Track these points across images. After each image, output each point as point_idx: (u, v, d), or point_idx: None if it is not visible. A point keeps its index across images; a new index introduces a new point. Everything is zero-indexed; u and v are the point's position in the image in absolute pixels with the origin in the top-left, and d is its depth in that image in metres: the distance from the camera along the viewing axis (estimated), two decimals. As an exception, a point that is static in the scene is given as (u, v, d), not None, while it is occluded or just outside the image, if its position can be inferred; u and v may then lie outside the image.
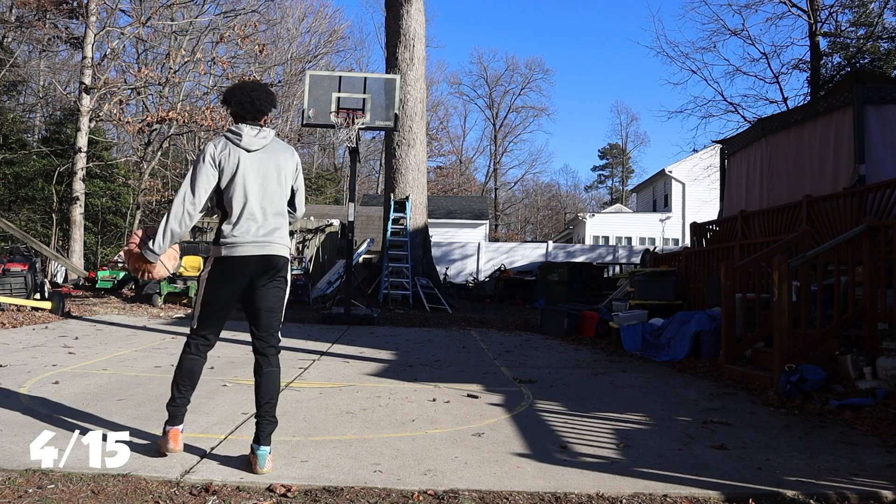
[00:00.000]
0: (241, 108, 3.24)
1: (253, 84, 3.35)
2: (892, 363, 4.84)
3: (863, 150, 8.06)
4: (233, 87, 3.35)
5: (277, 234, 3.20)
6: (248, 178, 3.15)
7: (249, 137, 3.18)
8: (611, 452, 3.46)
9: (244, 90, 3.28)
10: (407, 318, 11.28)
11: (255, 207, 3.15)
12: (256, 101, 3.25)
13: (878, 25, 18.97)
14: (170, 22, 23.78)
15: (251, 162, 3.18)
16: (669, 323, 7.60)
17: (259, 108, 3.26)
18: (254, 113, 3.26)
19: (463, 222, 30.10)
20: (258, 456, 2.99)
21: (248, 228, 3.12)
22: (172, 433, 3.13)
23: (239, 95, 3.25)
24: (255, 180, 3.17)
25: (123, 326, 8.85)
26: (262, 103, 3.27)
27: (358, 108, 9.98)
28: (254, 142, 3.19)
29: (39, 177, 24.20)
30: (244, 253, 3.11)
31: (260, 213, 3.16)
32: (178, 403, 3.20)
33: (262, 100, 3.27)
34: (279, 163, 3.27)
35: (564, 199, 62.21)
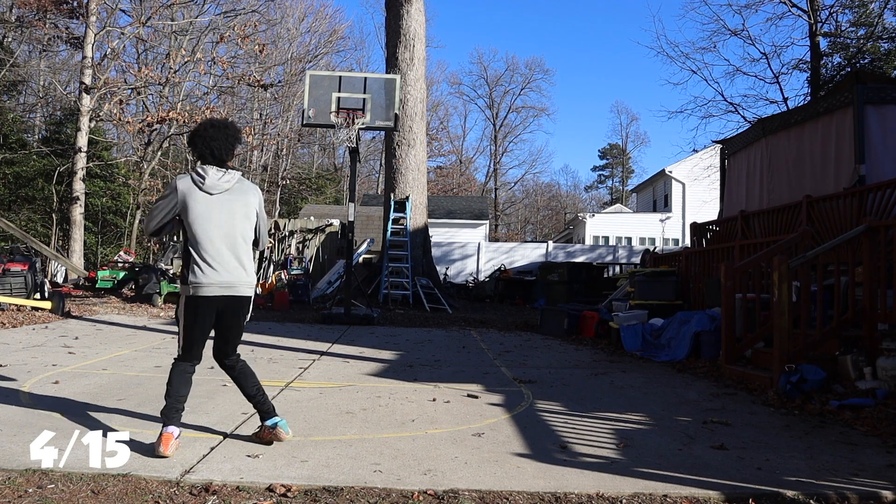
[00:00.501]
0: (202, 159, 3.41)
1: (213, 132, 3.41)
2: (892, 363, 4.84)
3: (863, 150, 8.05)
4: (195, 134, 3.46)
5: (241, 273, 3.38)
6: (212, 218, 3.31)
7: (213, 181, 3.34)
8: (611, 452, 3.46)
9: (204, 140, 3.40)
10: (407, 318, 11.28)
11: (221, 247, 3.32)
12: (216, 151, 3.40)
13: (879, 25, 18.96)
14: (170, 22, 23.78)
15: (215, 203, 3.33)
16: (669, 323, 7.60)
17: (219, 157, 3.41)
18: (215, 162, 3.41)
19: (463, 222, 30.10)
20: (280, 426, 3.37)
21: (212, 269, 3.29)
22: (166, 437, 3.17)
23: (200, 146, 3.40)
24: (218, 221, 3.32)
25: (123, 326, 8.85)
26: (223, 152, 3.42)
27: (358, 108, 9.98)
28: (217, 185, 3.35)
29: (39, 177, 24.20)
30: (210, 294, 3.29)
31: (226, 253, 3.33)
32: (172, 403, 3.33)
33: (223, 149, 3.41)
34: (244, 201, 3.43)
35: (564, 199, 62.22)
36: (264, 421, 3.42)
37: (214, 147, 3.38)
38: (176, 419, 3.26)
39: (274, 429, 3.38)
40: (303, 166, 40.13)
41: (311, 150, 42.32)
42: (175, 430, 3.20)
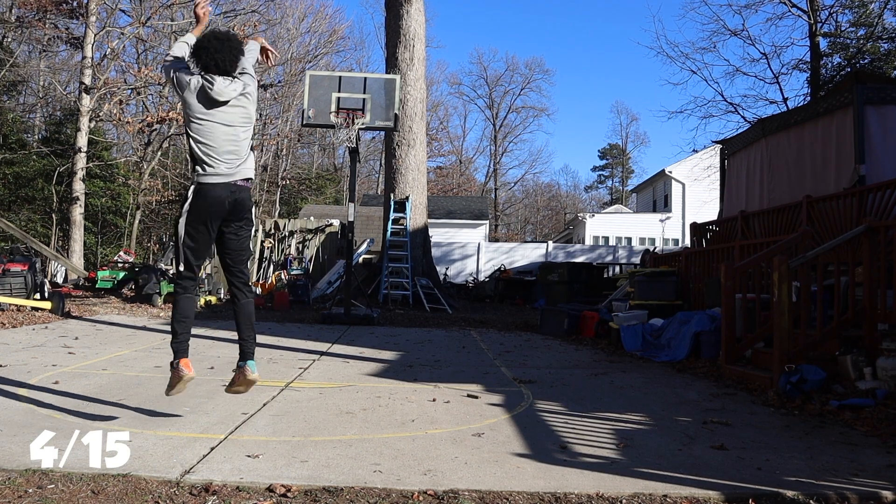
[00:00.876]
0: (206, 70, 3.60)
1: (217, 44, 3.59)
2: (892, 364, 4.84)
3: (863, 150, 8.05)
4: (199, 46, 3.64)
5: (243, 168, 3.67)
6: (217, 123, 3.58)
7: (221, 87, 3.56)
8: (611, 452, 3.46)
9: (209, 52, 3.58)
10: (407, 318, 11.28)
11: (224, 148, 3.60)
12: (220, 63, 3.59)
13: (878, 26, 18.96)
14: (170, 22, 23.77)
15: (220, 110, 3.58)
16: (669, 323, 7.60)
17: (223, 68, 3.61)
18: (219, 73, 3.60)
19: (463, 222, 30.10)
20: (248, 365, 3.65)
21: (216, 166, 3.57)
22: (184, 362, 3.57)
23: (204, 58, 3.59)
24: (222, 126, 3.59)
25: (123, 326, 8.85)
26: (227, 64, 3.61)
27: (358, 109, 9.98)
28: (224, 92, 3.57)
29: (39, 177, 24.20)
30: (216, 181, 3.57)
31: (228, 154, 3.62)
32: (182, 339, 3.65)
33: (227, 60, 3.60)
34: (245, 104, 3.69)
35: (564, 199, 62.23)
36: (241, 360, 3.70)
37: (219, 59, 3.57)
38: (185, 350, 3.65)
39: (244, 367, 3.66)
40: (303, 166, 40.14)
41: (311, 150, 42.33)
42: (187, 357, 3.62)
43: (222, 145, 3.62)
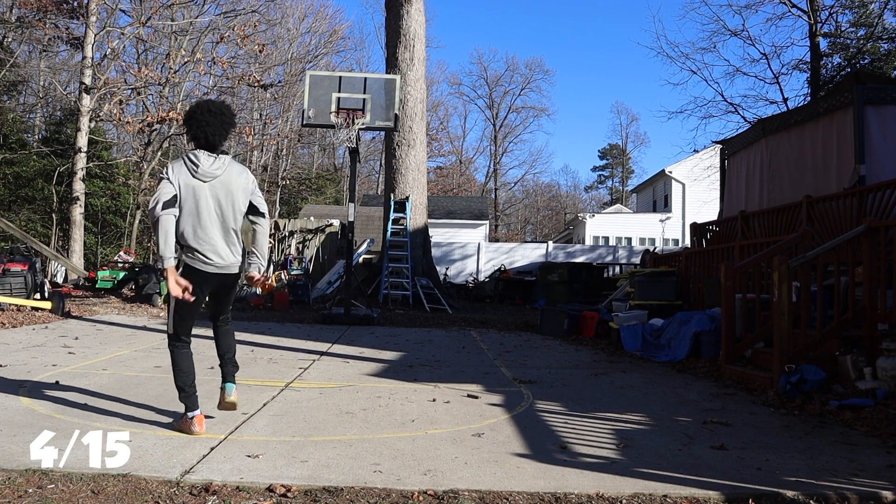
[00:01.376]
0: (195, 141, 3.50)
1: (208, 117, 3.48)
2: (892, 364, 4.84)
3: (863, 150, 8.05)
4: (190, 115, 3.53)
5: (231, 257, 3.60)
6: (204, 205, 3.47)
7: (206, 168, 3.46)
8: (611, 453, 3.46)
9: (200, 124, 3.47)
10: (407, 318, 11.28)
11: (212, 233, 3.50)
12: (210, 137, 3.49)
13: (878, 26, 18.96)
14: (170, 22, 23.77)
15: (207, 190, 3.47)
16: (669, 323, 7.60)
17: (212, 143, 3.51)
18: (207, 147, 3.50)
19: (463, 222, 30.10)
20: (226, 388, 3.73)
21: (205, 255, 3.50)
22: (199, 419, 3.52)
23: (194, 129, 3.49)
24: (210, 208, 3.48)
25: (123, 326, 8.85)
26: (216, 138, 3.51)
27: (358, 109, 9.98)
28: (209, 172, 3.47)
29: (39, 177, 24.20)
30: (206, 270, 3.51)
31: (218, 239, 3.53)
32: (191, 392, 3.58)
33: (216, 134, 3.50)
34: (234, 187, 3.56)
35: (564, 199, 62.21)
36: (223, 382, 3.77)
37: (209, 132, 3.48)
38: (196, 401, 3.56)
39: (223, 390, 3.74)
40: (303, 166, 40.15)
41: (311, 150, 42.32)
42: (199, 412, 3.54)
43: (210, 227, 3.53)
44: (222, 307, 3.83)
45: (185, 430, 3.51)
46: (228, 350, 3.81)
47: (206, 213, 3.48)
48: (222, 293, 3.76)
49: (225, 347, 3.81)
